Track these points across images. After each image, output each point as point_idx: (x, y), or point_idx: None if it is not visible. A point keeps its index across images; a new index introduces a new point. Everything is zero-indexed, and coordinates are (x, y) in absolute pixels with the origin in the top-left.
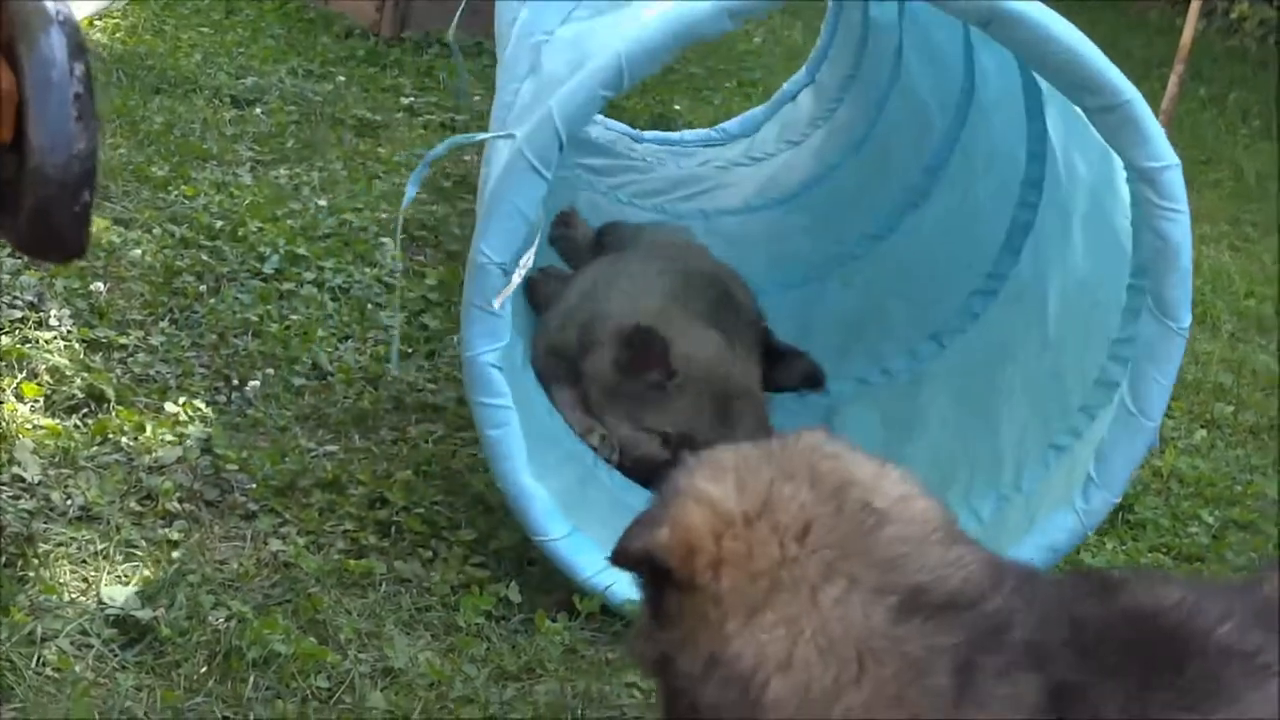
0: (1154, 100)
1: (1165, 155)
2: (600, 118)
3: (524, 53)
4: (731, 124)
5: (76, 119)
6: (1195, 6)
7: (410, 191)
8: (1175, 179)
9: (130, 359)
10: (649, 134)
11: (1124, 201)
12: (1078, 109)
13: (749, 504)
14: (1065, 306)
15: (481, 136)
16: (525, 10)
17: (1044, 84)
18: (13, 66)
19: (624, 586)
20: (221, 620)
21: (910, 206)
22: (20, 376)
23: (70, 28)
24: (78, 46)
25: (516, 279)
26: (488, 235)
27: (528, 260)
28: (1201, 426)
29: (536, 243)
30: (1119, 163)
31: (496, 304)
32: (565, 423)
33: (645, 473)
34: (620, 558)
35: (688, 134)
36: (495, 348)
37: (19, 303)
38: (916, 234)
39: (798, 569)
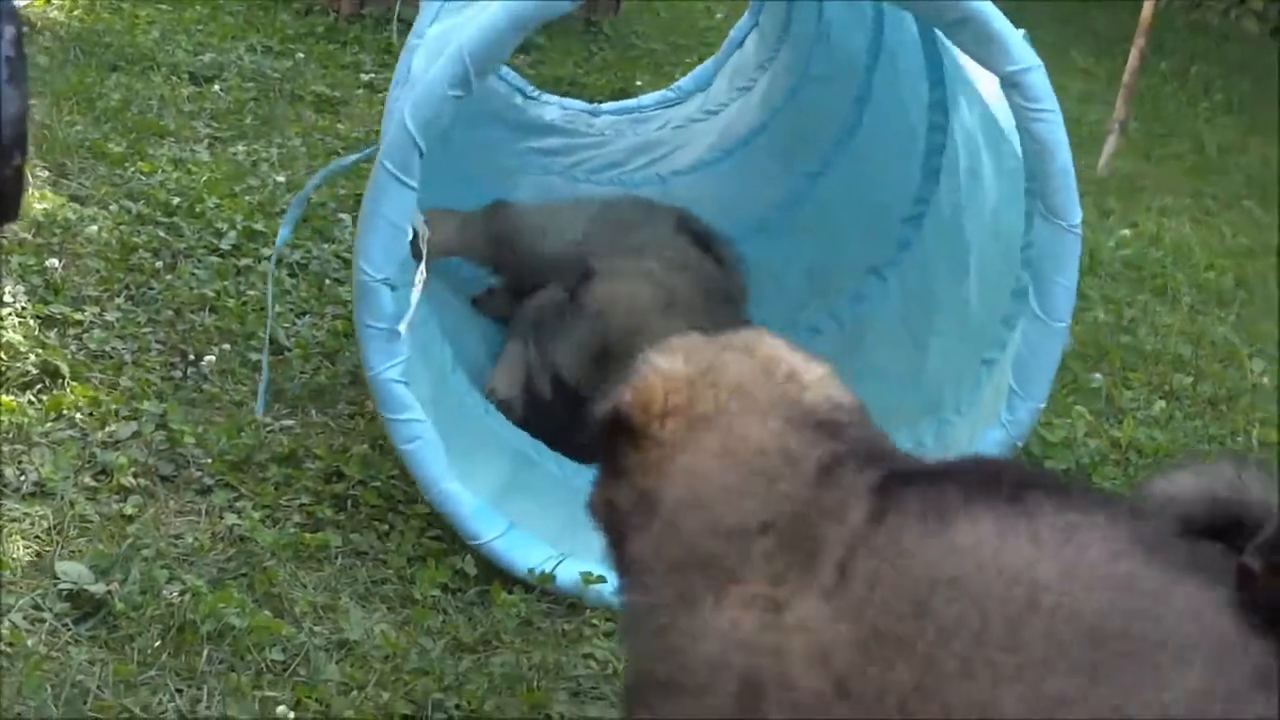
0: (1116, 74)
1: (1025, 59)
2: (556, 98)
3: (403, 60)
4: (685, 81)
5: (7, 81)
6: None
7: (284, 232)
8: (1038, 80)
9: (86, 335)
10: (606, 105)
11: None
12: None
13: (694, 369)
14: (980, 227)
15: (351, 159)
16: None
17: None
18: None
19: (570, 567)
20: (176, 594)
21: (841, 144)
22: None
23: None
24: (8, 12)
25: (415, 296)
26: (366, 252)
27: (421, 273)
28: (1160, 398)
29: (425, 253)
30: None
31: (402, 328)
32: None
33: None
34: (594, 422)
35: (645, 99)
36: (395, 363)
37: None
38: (851, 168)
39: (726, 416)
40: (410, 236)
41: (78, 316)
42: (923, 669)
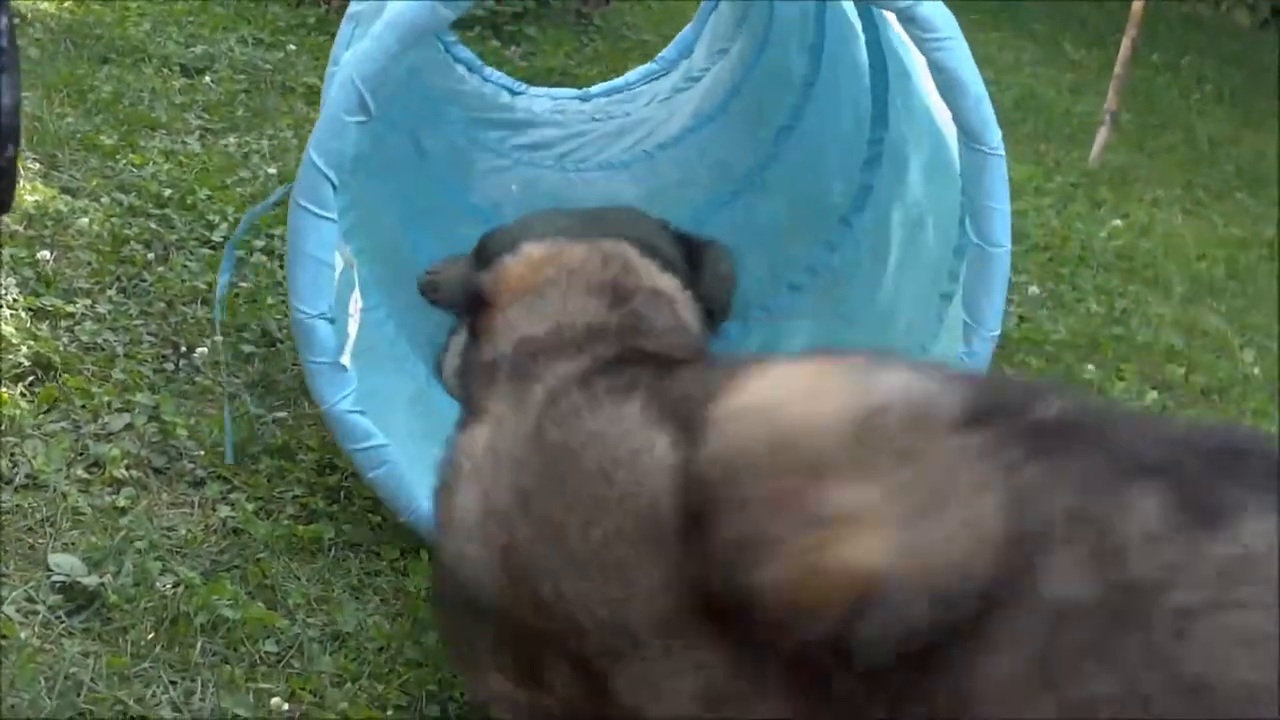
0: (1107, 66)
1: None
2: (545, 89)
3: (325, 89)
4: (668, 50)
5: (0, 73)
6: None
7: (223, 280)
8: (933, 10)
9: (77, 327)
10: (595, 88)
11: None
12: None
13: (547, 254)
14: (929, 161)
15: (274, 198)
16: None
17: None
18: None
19: None
20: (169, 586)
21: (804, 97)
22: None
23: None
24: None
25: (354, 326)
26: (297, 290)
27: (357, 301)
28: (1153, 388)
29: (357, 280)
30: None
31: (345, 360)
32: None
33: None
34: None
35: (631, 75)
36: (346, 394)
37: None
38: (815, 120)
39: (557, 288)
40: (340, 268)
41: (69, 309)
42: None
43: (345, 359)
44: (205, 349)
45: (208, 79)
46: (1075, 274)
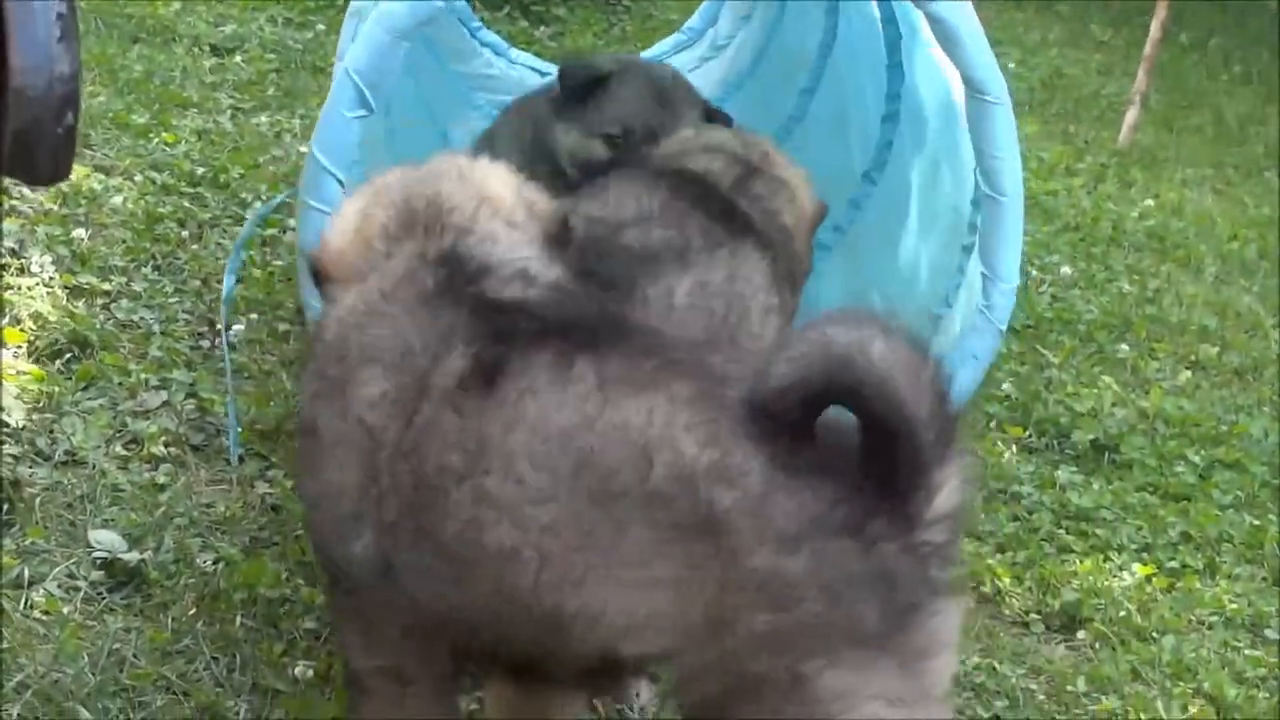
0: (1136, 47)
1: None
2: None
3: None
4: (694, 20)
5: (58, 40)
6: None
7: (229, 281)
8: (945, 8)
9: (113, 305)
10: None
11: None
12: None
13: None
14: (942, 110)
15: (275, 202)
16: None
17: None
18: None
19: None
20: (209, 563)
21: (824, 54)
22: (3, 323)
23: None
24: None
25: None
26: (309, 288)
27: None
28: (1186, 368)
29: None
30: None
31: None
32: None
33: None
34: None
35: (660, 47)
36: None
37: (0, 250)
38: (835, 78)
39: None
40: None
41: (105, 286)
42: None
43: None
44: (241, 326)
45: (238, 58)
46: (1107, 254)
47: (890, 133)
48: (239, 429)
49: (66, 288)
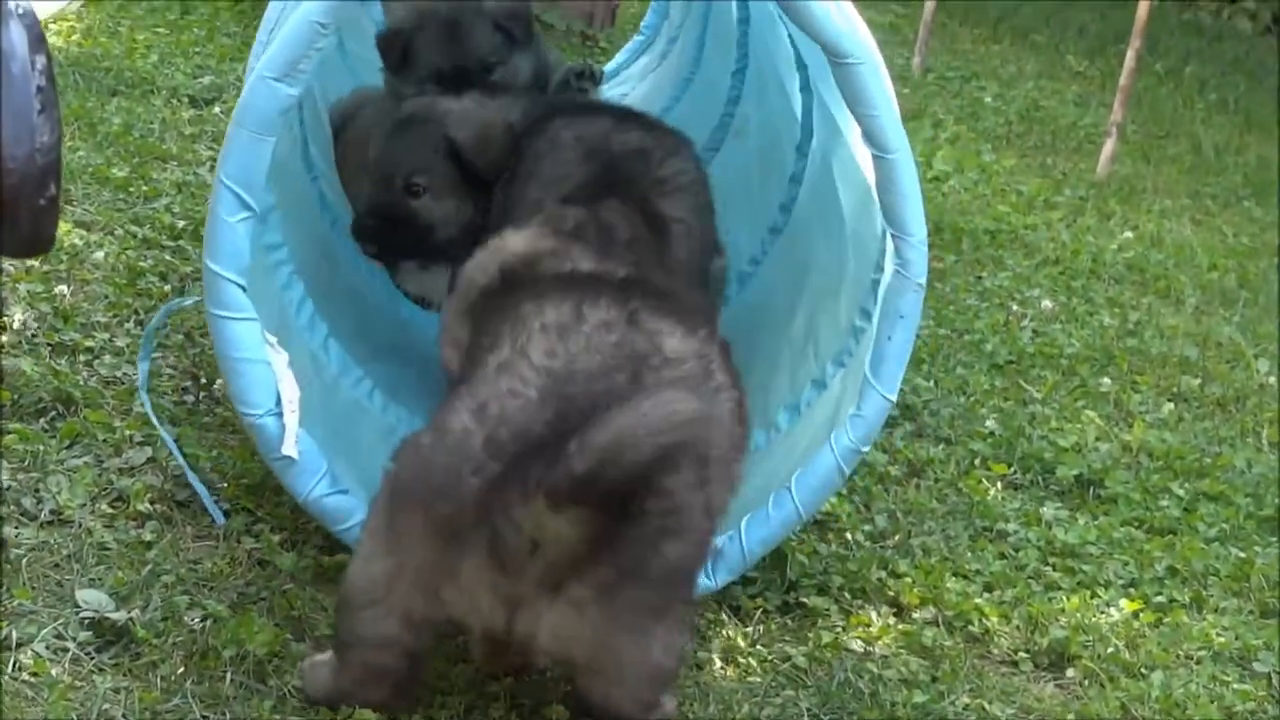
0: (1112, 77)
1: None
2: None
3: None
4: (648, 16)
5: (39, 112)
6: None
7: (143, 367)
8: None
9: (97, 361)
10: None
11: None
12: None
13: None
14: (849, 189)
15: (193, 300)
16: None
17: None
18: None
19: None
20: (197, 620)
21: (744, 43)
22: None
23: (29, 21)
24: (38, 39)
25: (292, 421)
26: (237, 396)
27: (293, 396)
28: (1169, 400)
29: (287, 368)
30: None
31: (291, 452)
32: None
33: None
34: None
35: (622, 54)
36: (318, 480)
37: None
38: (755, 62)
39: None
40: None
41: (88, 343)
42: None
43: (290, 450)
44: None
45: (217, 109)
46: (1088, 287)
47: (794, 190)
48: (221, 487)
49: (49, 345)
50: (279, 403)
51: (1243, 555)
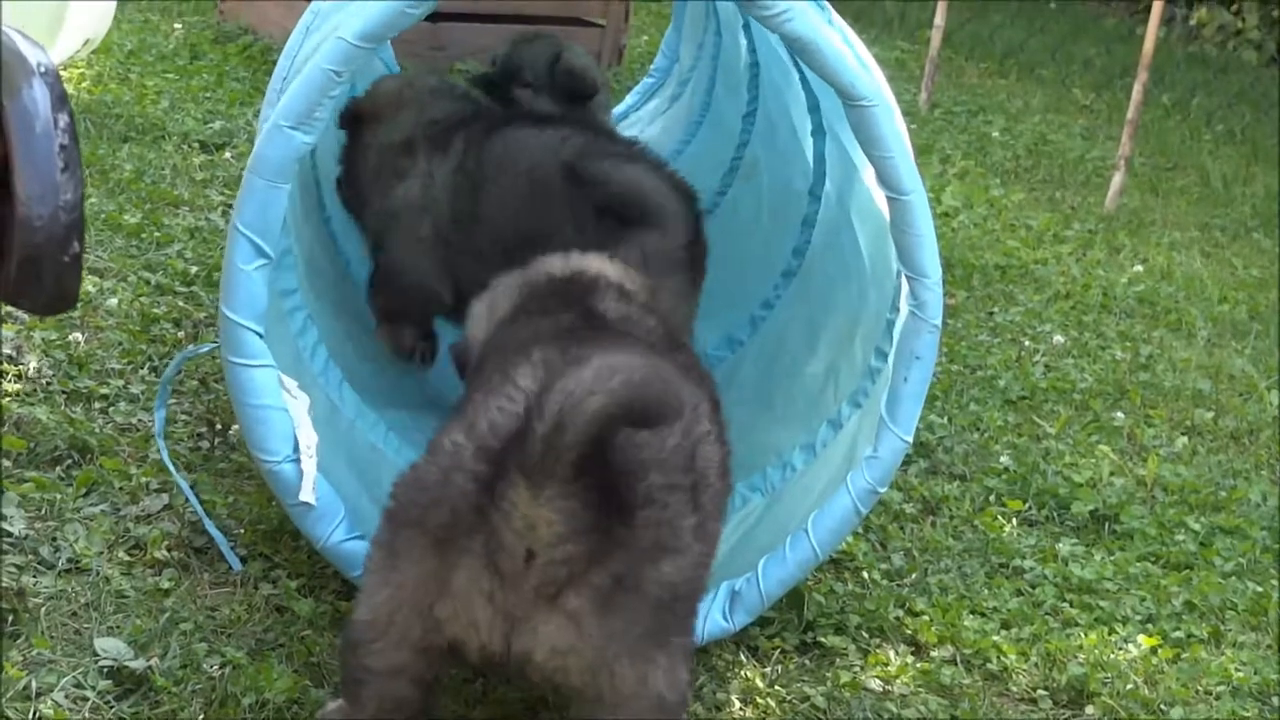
0: (1119, 110)
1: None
2: None
3: None
4: (658, 60)
5: (62, 169)
6: (1157, 13)
7: (159, 415)
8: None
9: (112, 408)
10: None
11: None
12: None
13: None
14: (865, 230)
15: (208, 347)
16: None
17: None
18: None
19: None
20: (216, 667)
21: (753, 78)
22: (2, 430)
23: (52, 79)
24: (60, 98)
25: (310, 467)
26: (254, 443)
27: (311, 441)
28: (1182, 434)
29: (306, 413)
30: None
31: (309, 499)
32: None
33: None
34: None
35: (632, 94)
36: (335, 525)
37: None
38: (768, 98)
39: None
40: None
41: (103, 390)
42: None
43: (308, 497)
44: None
45: (227, 154)
46: (1099, 321)
47: (821, 146)
48: (238, 533)
49: (64, 392)
50: (296, 448)
51: (1260, 589)
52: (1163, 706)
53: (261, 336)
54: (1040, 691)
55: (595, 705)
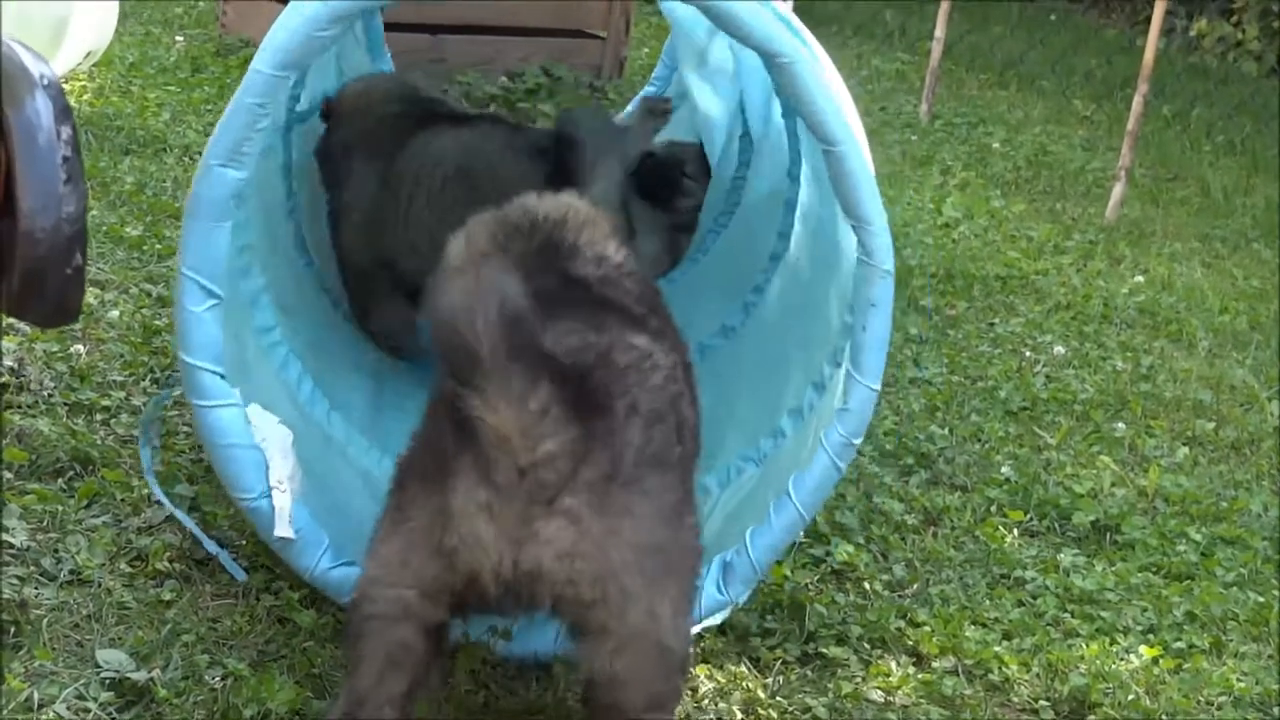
0: (1119, 121)
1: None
2: None
3: None
4: (658, 70)
5: (65, 182)
6: (1157, 25)
7: (145, 454)
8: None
9: (114, 420)
10: None
11: None
12: None
13: None
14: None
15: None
16: None
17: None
18: None
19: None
20: (218, 678)
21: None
22: (4, 442)
23: (55, 91)
24: (63, 110)
25: (284, 501)
26: (228, 482)
27: (283, 475)
28: (1183, 444)
29: (282, 452)
30: None
31: (287, 534)
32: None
33: None
34: None
35: (633, 105)
36: (321, 553)
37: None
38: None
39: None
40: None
41: (105, 402)
42: None
43: (285, 533)
44: None
45: None
46: (1100, 332)
47: (782, 247)
48: (240, 544)
49: (66, 404)
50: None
51: (1261, 600)
52: (1164, 717)
53: (223, 376)
54: (1042, 702)
55: (602, 639)
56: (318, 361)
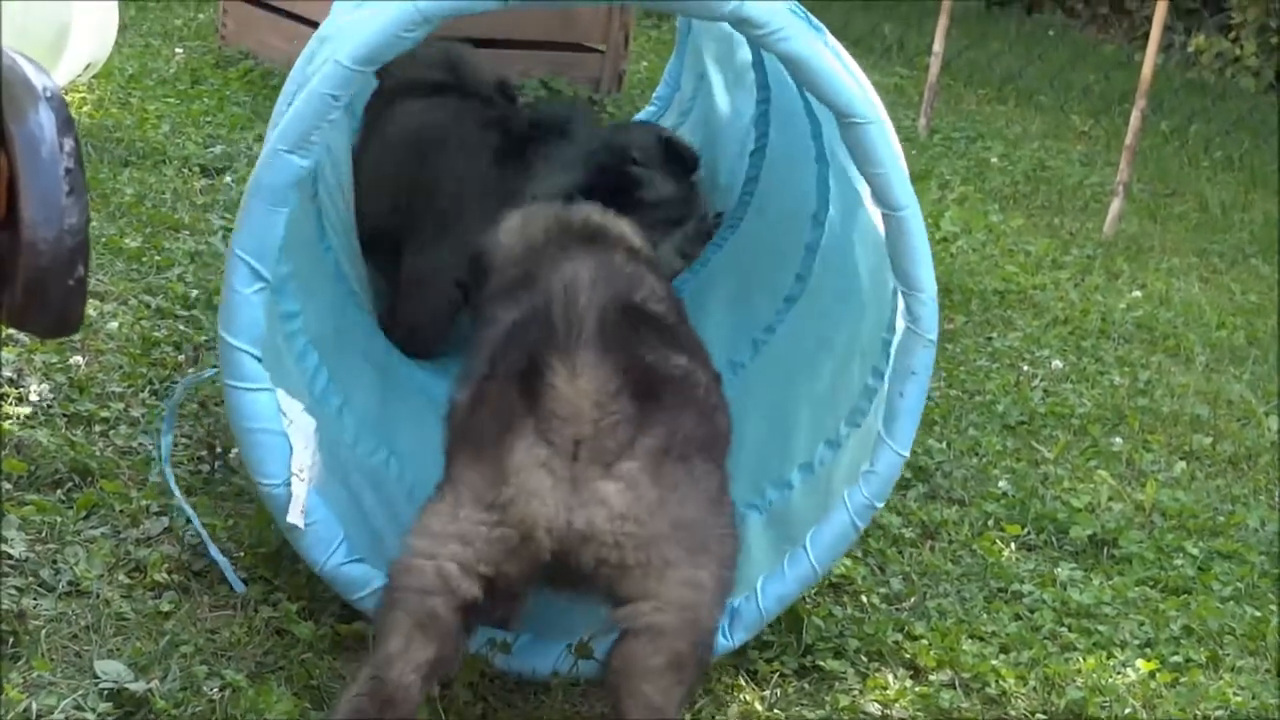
0: (1117, 136)
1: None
2: None
3: None
4: (660, 88)
5: (68, 193)
6: (1155, 40)
7: (165, 441)
8: (760, 8)
9: (112, 431)
10: None
11: None
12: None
13: None
14: (865, 252)
15: (210, 371)
16: None
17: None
18: (2, 143)
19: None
20: (216, 689)
21: (763, 109)
22: (3, 453)
23: (57, 103)
24: (65, 121)
25: (302, 489)
26: (253, 467)
27: (304, 464)
28: (1181, 459)
29: (305, 442)
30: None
31: (298, 522)
32: None
33: None
34: None
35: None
36: (335, 548)
37: None
38: (776, 129)
39: None
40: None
41: (103, 413)
42: None
43: (297, 520)
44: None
45: (228, 178)
46: (1097, 346)
47: (826, 171)
48: (238, 556)
49: (65, 415)
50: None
51: (1258, 614)
52: None
53: (260, 360)
54: (1039, 716)
55: (643, 601)
56: (331, 351)
